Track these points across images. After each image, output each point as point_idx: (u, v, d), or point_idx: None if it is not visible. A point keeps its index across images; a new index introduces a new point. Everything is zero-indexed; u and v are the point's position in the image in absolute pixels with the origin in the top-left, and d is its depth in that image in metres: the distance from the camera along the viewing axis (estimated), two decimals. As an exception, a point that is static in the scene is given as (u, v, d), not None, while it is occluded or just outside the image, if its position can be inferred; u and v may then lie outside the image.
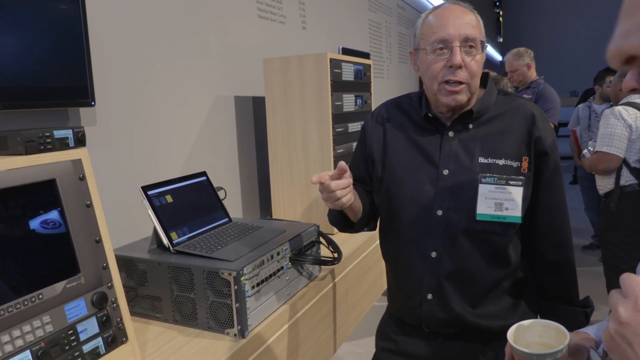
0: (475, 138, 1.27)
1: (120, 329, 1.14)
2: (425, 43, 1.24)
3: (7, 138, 1.02)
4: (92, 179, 1.13)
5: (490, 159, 1.24)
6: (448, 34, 1.19)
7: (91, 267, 1.09)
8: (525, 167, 1.24)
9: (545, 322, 0.88)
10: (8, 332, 0.91)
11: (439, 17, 1.23)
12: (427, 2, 6.71)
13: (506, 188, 1.22)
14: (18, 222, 0.98)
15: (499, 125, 1.27)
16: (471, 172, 1.24)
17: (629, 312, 0.56)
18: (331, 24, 3.55)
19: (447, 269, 1.26)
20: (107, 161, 1.69)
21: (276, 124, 2.21)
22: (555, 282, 1.32)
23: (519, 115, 1.27)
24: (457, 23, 1.20)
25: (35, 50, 1.35)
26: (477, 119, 1.28)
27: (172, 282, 1.36)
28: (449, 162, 1.26)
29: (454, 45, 1.19)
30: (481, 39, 1.22)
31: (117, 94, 1.73)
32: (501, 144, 1.25)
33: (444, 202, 1.25)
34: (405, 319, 1.38)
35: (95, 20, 1.59)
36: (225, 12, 2.31)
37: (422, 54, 1.26)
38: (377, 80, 4.40)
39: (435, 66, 1.22)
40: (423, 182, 1.28)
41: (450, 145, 1.28)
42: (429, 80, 1.26)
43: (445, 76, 1.21)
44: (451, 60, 1.19)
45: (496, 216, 1.22)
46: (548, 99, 3.74)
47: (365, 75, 2.40)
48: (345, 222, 1.43)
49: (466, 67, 1.20)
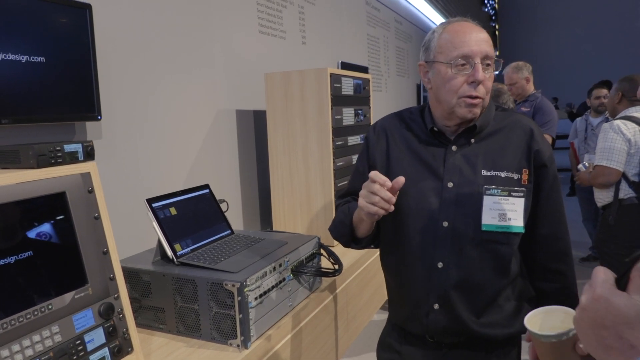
0: (477, 152, 1.31)
1: (126, 339, 1.15)
2: (445, 57, 1.26)
3: (20, 152, 1.05)
4: (100, 192, 1.15)
5: (492, 171, 1.28)
6: (471, 50, 1.23)
7: (98, 278, 1.11)
8: (525, 179, 1.28)
9: (566, 309, 0.88)
10: (18, 342, 0.94)
11: (459, 33, 1.26)
12: (425, 18, 6.80)
13: (509, 199, 1.26)
14: (29, 233, 1.01)
15: (500, 140, 1.32)
16: (475, 184, 1.28)
17: (588, 299, 0.64)
18: (330, 39, 3.60)
19: (454, 279, 1.28)
20: (113, 174, 1.72)
21: (277, 137, 2.24)
22: (555, 289, 1.35)
23: (518, 129, 1.32)
24: (478, 40, 1.24)
25: (44, 65, 1.38)
26: (479, 133, 1.32)
27: (176, 293, 1.38)
28: (453, 175, 1.30)
29: (476, 62, 1.23)
30: (496, 57, 1.27)
31: (122, 108, 1.77)
32: (502, 157, 1.29)
33: (450, 214, 1.28)
34: (410, 329, 1.39)
35: (102, 36, 1.63)
36: (227, 28, 2.35)
37: (439, 67, 1.28)
38: (375, 94, 4.45)
39: (456, 81, 1.25)
40: (428, 194, 1.31)
41: (453, 159, 1.31)
42: (446, 93, 1.28)
43: (466, 91, 1.25)
44: (474, 76, 1.23)
45: (500, 226, 1.26)
46: (545, 112, 3.79)
47: (365, 90, 2.45)
48: (353, 236, 1.42)
49: (483, 83, 1.25)
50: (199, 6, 2.16)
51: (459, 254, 1.28)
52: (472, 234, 1.27)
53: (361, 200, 1.21)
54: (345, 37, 3.90)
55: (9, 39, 1.29)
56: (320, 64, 3.35)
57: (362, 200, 1.20)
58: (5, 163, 1.08)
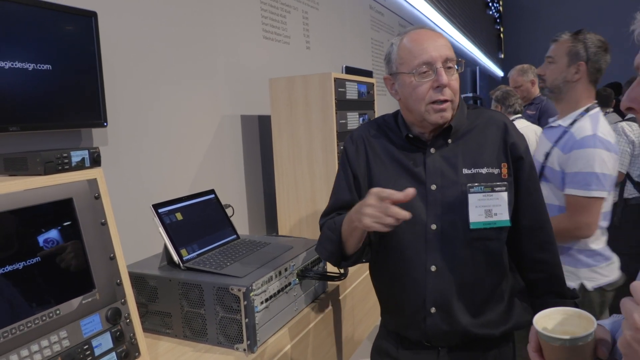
0: (456, 151, 1.32)
1: (133, 344, 1.16)
2: (407, 67, 1.28)
3: (27, 159, 1.06)
4: (107, 198, 1.17)
5: (473, 169, 1.30)
6: (431, 57, 1.25)
7: (106, 283, 1.12)
8: (505, 173, 1.31)
9: (565, 309, 0.88)
10: (27, 347, 0.94)
11: (416, 41, 1.28)
12: (429, 21, 6.81)
13: (492, 195, 1.28)
14: (37, 239, 1.02)
15: (476, 137, 1.33)
16: (458, 184, 1.29)
17: None
18: (334, 44, 3.62)
19: (449, 281, 1.29)
20: (119, 180, 1.73)
21: (282, 142, 2.25)
22: (543, 278, 1.36)
23: (492, 125, 1.34)
24: (436, 45, 1.26)
25: (51, 73, 1.40)
26: (454, 133, 1.33)
27: (183, 298, 1.39)
28: (435, 177, 1.31)
29: (437, 67, 1.25)
30: (457, 58, 1.29)
31: (128, 114, 1.78)
32: (481, 154, 1.31)
33: (437, 216, 1.29)
34: (406, 335, 1.39)
35: (108, 43, 1.65)
36: (231, 33, 2.37)
37: (403, 78, 1.30)
38: (380, 98, 4.46)
39: (421, 88, 1.27)
40: (413, 200, 1.28)
41: (433, 161, 1.32)
42: (414, 102, 1.29)
43: (433, 97, 1.26)
44: (438, 80, 1.24)
45: (487, 222, 1.27)
46: (551, 115, 3.76)
47: (369, 94, 2.45)
48: (343, 254, 1.36)
49: (449, 86, 1.26)
50: (203, 12, 2.17)
51: (450, 255, 1.29)
52: (461, 234, 1.28)
53: (368, 220, 1.14)
54: (349, 42, 3.91)
55: (16, 47, 1.30)
56: (324, 68, 3.36)
57: (370, 220, 1.14)
58: (13, 170, 1.10)
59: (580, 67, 1.81)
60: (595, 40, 1.82)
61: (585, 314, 0.85)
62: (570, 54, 1.83)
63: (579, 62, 1.81)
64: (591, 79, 1.84)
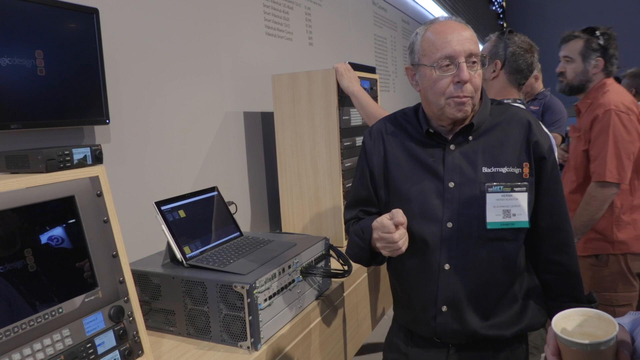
0: (477, 149, 1.30)
1: (136, 342, 1.16)
2: (428, 60, 1.26)
3: (29, 157, 1.06)
4: (109, 196, 1.16)
5: (493, 168, 1.27)
6: (453, 50, 1.21)
7: (108, 281, 1.12)
8: (526, 173, 1.28)
9: (584, 310, 0.84)
10: (30, 345, 0.94)
11: (440, 33, 1.24)
12: (431, 16, 6.77)
13: (512, 195, 1.25)
14: (39, 237, 1.01)
15: (498, 135, 1.30)
16: (476, 182, 1.27)
17: None
18: (337, 40, 3.60)
19: (462, 280, 1.27)
20: (121, 177, 1.73)
21: (285, 138, 2.24)
22: (560, 281, 1.34)
23: (515, 123, 1.31)
24: (460, 39, 1.22)
25: (53, 70, 1.39)
26: (476, 130, 1.31)
27: (186, 296, 1.38)
28: (453, 174, 1.29)
29: (460, 62, 1.21)
30: (482, 53, 1.25)
31: (130, 111, 1.77)
32: (502, 153, 1.28)
33: (454, 214, 1.27)
34: (417, 331, 1.38)
35: (110, 40, 1.64)
36: (234, 30, 2.36)
37: (424, 70, 1.28)
38: (383, 94, 4.44)
39: (441, 83, 1.24)
40: (430, 196, 1.30)
41: (453, 158, 1.30)
42: (434, 96, 1.27)
43: (453, 92, 1.23)
44: (459, 76, 1.21)
45: (505, 223, 1.25)
46: (555, 111, 3.76)
47: (372, 90, 2.44)
48: (372, 256, 1.41)
49: (470, 82, 1.23)
50: (205, 9, 2.16)
51: (465, 254, 1.27)
52: (477, 233, 1.26)
53: (385, 252, 1.25)
54: (352, 38, 3.89)
55: (16, 44, 1.30)
56: (327, 64, 3.34)
57: (386, 252, 1.25)
58: (15, 168, 1.09)
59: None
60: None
61: (606, 316, 0.81)
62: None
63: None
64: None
